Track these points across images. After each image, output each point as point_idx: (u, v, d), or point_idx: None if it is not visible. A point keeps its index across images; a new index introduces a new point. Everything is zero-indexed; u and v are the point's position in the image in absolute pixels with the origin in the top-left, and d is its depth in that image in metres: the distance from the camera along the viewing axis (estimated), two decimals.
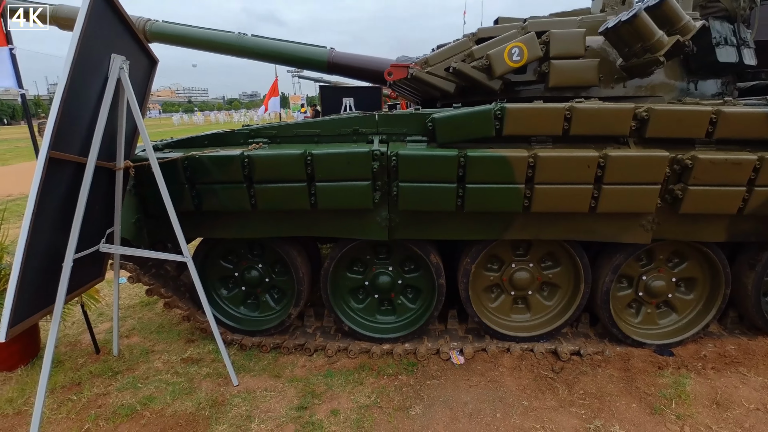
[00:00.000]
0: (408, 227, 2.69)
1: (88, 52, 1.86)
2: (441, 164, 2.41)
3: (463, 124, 2.46)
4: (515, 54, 2.80)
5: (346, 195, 2.49)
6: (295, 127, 2.73)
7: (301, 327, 3.30)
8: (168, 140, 2.94)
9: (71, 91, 1.77)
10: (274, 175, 2.49)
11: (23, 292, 1.76)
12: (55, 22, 4.08)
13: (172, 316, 3.71)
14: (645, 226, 2.69)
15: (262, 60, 4.20)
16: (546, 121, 2.44)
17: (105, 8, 1.95)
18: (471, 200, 2.47)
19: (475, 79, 2.93)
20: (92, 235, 2.35)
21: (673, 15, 2.68)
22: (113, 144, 2.39)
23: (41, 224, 1.82)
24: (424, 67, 3.10)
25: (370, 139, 2.67)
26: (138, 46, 2.42)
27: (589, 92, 3.06)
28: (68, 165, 1.97)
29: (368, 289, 3.13)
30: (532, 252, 3.02)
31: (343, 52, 4.00)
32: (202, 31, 4.06)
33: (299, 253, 3.03)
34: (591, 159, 2.40)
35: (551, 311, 3.15)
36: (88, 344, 3.29)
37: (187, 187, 2.59)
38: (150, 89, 2.76)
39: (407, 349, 3.05)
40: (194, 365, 3.03)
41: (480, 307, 3.08)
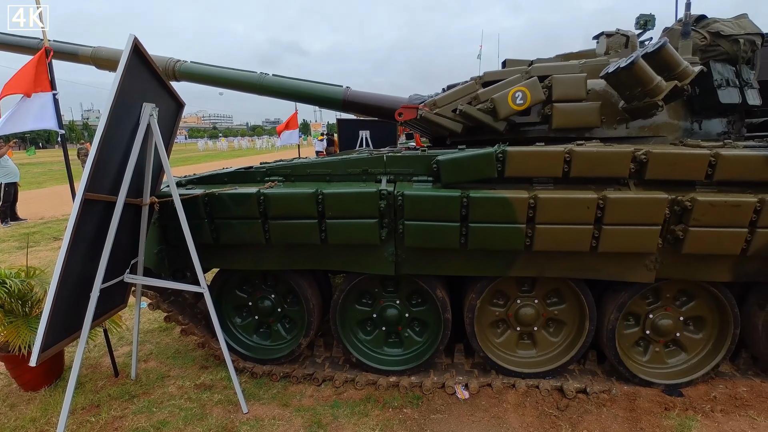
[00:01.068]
0: (414, 263, 2.80)
1: (122, 103, 2.07)
2: (444, 204, 2.53)
3: (467, 166, 2.58)
4: (519, 98, 2.93)
5: (354, 231, 2.63)
6: (309, 167, 2.90)
7: (310, 357, 3.39)
8: (191, 176, 3.14)
9: (106, 138, 1.97)
10: (287, 212, 2.65)
11: (54, 320, 1.92)
12: (93, 62, 4.43)
13: (188, 342, 3.85)
14: (648, 265, 2.73)
15: (281, 98, 4.44)
16: (546, 163, 2.55)
17: (138, 63, 2.18)
18: (474, 239, 2.57)
19: (481, 120, 3.07)
20: (118, 265, 2.52)
21: (670, 61, 2.78)
22: (140, 181, 2.59)
23: (74, 257, 1.99)
24: (433, 109, 3.26)
25: (378, 178, 2.82)
26: (166, 92, 2.65)
27: (592, 133, 3.16)
28: (99, 203, 2.16)
29: (376, 322, 3.22)
30: (537, 288, 3.07)
31: (357, 91, 4.22)
32: (227, 71, 4.34)
33: (310, 284, 3.15)
34: (590, 200, 2.48)
35: (557, 348, 3.17)
36: (108, 367, 3.44)
37: (206, 221, 2.77)
38: (177, 129, 2.98)
39: (413, 382, 3.10)
40: (207, 391, 3.13)
41: (485, 342, 3.13)
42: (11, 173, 9.23)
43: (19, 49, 4.51)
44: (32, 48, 4.43)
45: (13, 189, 9.31)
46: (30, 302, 3.19)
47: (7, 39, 4.49)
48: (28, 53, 4.50)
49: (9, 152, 9.19)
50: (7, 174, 9.13)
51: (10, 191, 9.24)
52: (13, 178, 9.26)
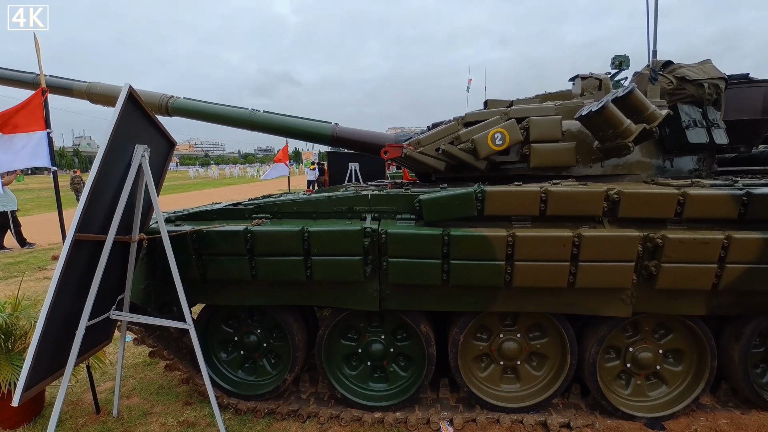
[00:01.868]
0: (398, 298, 2.86)
1: (116, 146, 2.15)
2: (426, 242, 2.61)
3: (448, 205, 2.69)
4: (498, 139, 3.07)
5: (339, 268, 2.69)
6: (296, 204, 2.99)
7: (296, 392, 3.38)
8: (180, 212, 3.20)
9: (98, 180, 2.04)
10: (274, 249, 2.72)
11: (39, 359, 1.93)
12: (88, 97, 4.53)
13: (172, 378, 3.81)
14: (624, 299, 2.82)
15: (272, 134, 4.56)
16: (523, 202, 2.66)
17: (132, 108, 2.27)
18: (455, 275, 2.65)
19: (463, 159, 3.20)
20: (104, 301, 2.55)
21: (639, 105, 2.95)
22: (129, 218, 2.65)
23: (61, 296, 2.02)
24: (417, 147, 3.38)
25: (363, 216, 2.91)
26: (158, 132, 2.74)
27: (569, 171, 3.30)
28: (89, 242, 2.21)
29: (361, 357, 3.24)
30: (520, 322, 3.13)
31: (346, 128, 4.36)
32: (219, 107, 4.47)
33: (296, 320, 3.18)
34: (566, 238, 2.58)
35: (540, 382, 3.20)
36: (89, 403, 3.39)
37: (194, 257, 2.82)
38: (167, 167, 3.06)
39: (398, 418, 3.10)
40: (190, 428, 3.10)
41: (469, 376, 3.16)
42: (10, 201, 9.41)
43: (14, 83, 4.61)
44: (27, 82, 4.54)
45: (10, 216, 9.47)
46: (13, 337, 3.16)
47: (4, 73, 4.59)
48: (24, 87, 4.61)
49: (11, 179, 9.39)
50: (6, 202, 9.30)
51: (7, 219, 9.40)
52: (11, 206, 9.45)
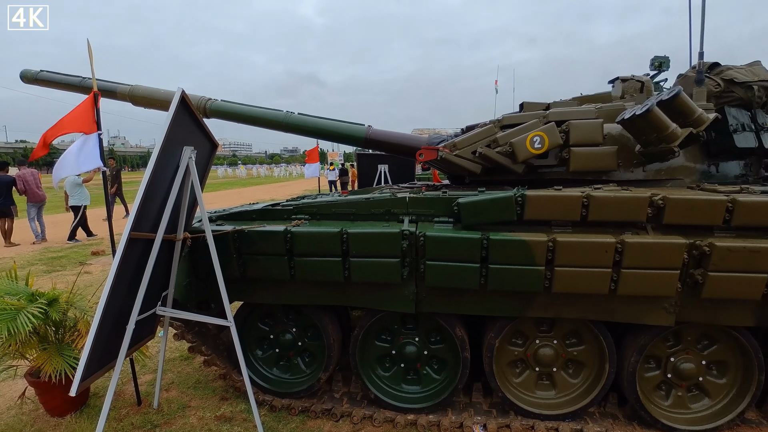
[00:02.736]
0: (434, 301, 2.86)
1: (167, 149, 2.23)
2: (465, 245, 2.61)
3: (487, 209, 2.68)
4: (536, 142, 3.04)
5: (376, 270, 2.72)
6: (334, 206, 3.03)
7: (329, 391, 3.42)
8: (220, 212, 3.29)
9: (152, 182, 2.13)
10: (312, 250, 2.77)
11: (94, 352, 2.02)
12: (130, 99, 4.70)
13: (208, 373, 3.92)
14: (667, 308, 2.74)
15: (306, 135, 4.63)
16: (564, 207, 2.62)
17: (183, 111, 2.35)
18: (493, 280, 2.63)
19: (500, 162, 3.18)
20: (151, 298, 2.64)
21: (685, 108, 2.87)
22: (175, 218, 2.74)
23: (114, 293, 2.11)
24: (453, 150, 3.38)
25: (400, 218, 2.92)
26: (203, 134, 2.83)
27: (609, 176, 3.23)
28: (140, 240, 2.30)
29: (395, 358, 3.25)
30: (557, 329, 3.09)
31: (379, 130, 4.38)
32: (254, 109, 4.56)
33: (331, 320, 3.22)
34: (608, 244, 2.53)
35: (577, 389, 3.15)
36: (131, 395, 3.51)
37: (234, 256, 2.90)
38: (210, 168, 3.15)
39: (431, 420, 3.10)
40: (227, 423, 3.18)
41: (504, 381, 3.13)
42: (85, 196, 10.48)
43: (63, 86, 4.83)
44: (74, 85, 4.75)
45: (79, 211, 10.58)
46: (63, 329, 3.31)
47: (54, 77, 4.82)
48: (71, 90, 4.83)
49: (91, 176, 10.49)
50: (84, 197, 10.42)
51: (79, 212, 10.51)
52: (85, 201, 10.52)
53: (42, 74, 4.87)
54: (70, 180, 10.28)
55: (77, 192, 10.37)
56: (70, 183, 10.36)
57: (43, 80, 4.89)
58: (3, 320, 2.87)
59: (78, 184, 10.35)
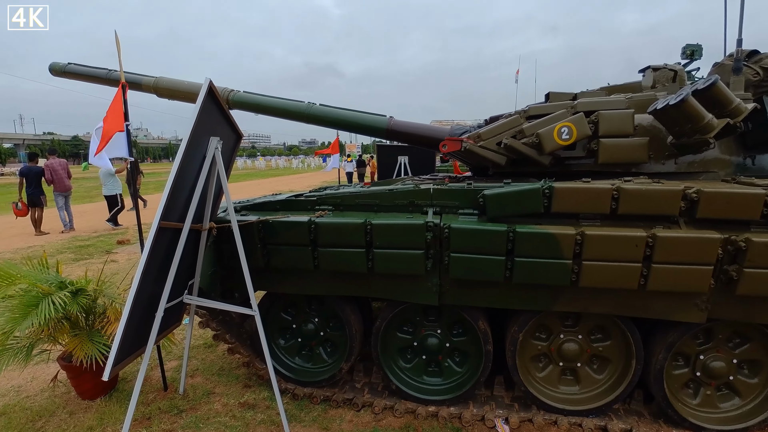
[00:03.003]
0: (457, 294, 2.84)
1: (195, 139, 2.25)
2: (490, 238, 2.57)
3: (513, 201, 2.63)
4: (564, 133, 2.97)
5: (400, 261, 2.71)
6: (358, 197, 3.02)
7: (350, 381, 3.45)
8: (245, 202, 3.32)
9: (180, 171, 2.15)
10: (336, 241, 2.77)
11: (125, 338, 2.07)
12: (155, 91, 4.76)
13: (231, 360, 3.99)
14: (699, 305, 2.67)
15: (327, 126, 4.63)
16: (593, 200, 2.56)
17: (210, 102, 2.37)
18: (519, 273, 2.59)
19: (526, 154, 3.12)
20: (178, 286, 2.69)
21: (722, 98, 2.75)
22: (200, 208, 2.77)
23: (144, 281, 2.15)
24: (477, 141, 3.32)
25: (424, 210, 2.90)
26: (229, 125, 2.85)
27: (639, 168, 3.14)
28: (168, 229, 2.33)
29: (417, 350, 3.25)
30: (582, 324, 3.03)
31: (401, 121, 4.35)
32: (276, 100, 4.57)
33: (353, 310, 3.23)
34: (639, 239, 2.47)
35: (601, 385, 3.10)
36: (157, 380, 3.60)
37: (259, 246, 2.92)
38: (234, 158, 3.18)
39: (452, 413, 3.10)
40: (250, 410, 3.23)
41: (527, 375, 3.10)
42: (117, 186, 11.13)
43: (90, 78, 4.92)
44: (101, 77, 4.83)
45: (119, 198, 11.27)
46: (93, 315, 3.40)
47: (81, 69, 4.91)
48: (98, 82, 4.91)
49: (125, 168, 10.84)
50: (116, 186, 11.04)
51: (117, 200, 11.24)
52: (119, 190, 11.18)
53: (70, 67, 4.96)
54: (103, 170, 10.69)
55: (110, 181, 10.82)
56: (103, 173, 10.80)
57: (71, 72, 4.98)
58: (26, 306, 2.96)
59: (111, 174, 10.77)
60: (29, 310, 2.92)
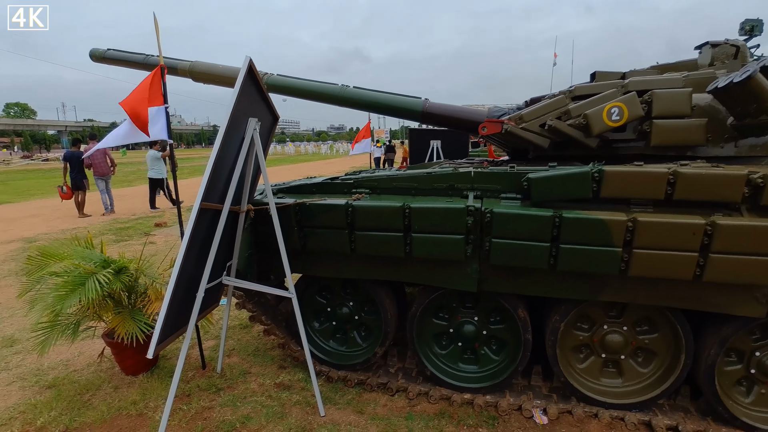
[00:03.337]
0: (498, 281, 2.76)
1: (234, 120, 2.23)
2: (535, 223, 2.47)
3: (560, 185, 2.51)
4: (614, 114, 2.80)
5: (439, 246, 2.64)
6: (395, 180, 2.96)
7: (384, 366, 3.43)
8: (281, 185, 3.32)
9: (221, 153, 2.14)
10: (374, 224, 2.73)
11: (168, 318, 2.10)
12: (190, 75, 4.79)
13: (266, 341, 4.05)
14: (759, 298, 2.49)
15: (361, 109, 4.56)
16: (647, 184, 2.41)
17: (249, 82, 2.34)
18: (564, 260, 2.48)
19: (572, 136, 2.97)
20: (216, 267, 2.71)
21: None
22: (238, 190, 2.77)
23: (186, 261, 2.16)
24: (519, 123, 3.19)
25: (465, 194, 2.81)
26: (267, 106, 2.82)
27: (695, 151, 2.94)
28: (208, 211, 2.34)
29: (452, 336, 3.19)
30: (627, 314, 2.90)
31: (436, 103, 4.23)
32: (310, 83, 4.52)
33: (388, 295, 3.20)
34: (697, 226, 2.31)
35: (646, 379, 2.97)
36: (196, 359, 3.69)
37: (296, 229, 2.91)
38: (271, 140, 3.16)
39: (488, 401, 3.04)
40: (285, 391, 3.27)
41: (567, 366, 3.00)
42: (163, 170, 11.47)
43: (128, 64, 5.00)
44: (138, 62, 4.90)
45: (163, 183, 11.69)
46: (135, 294, 3.50)
47: (120, 55, 5.00)
48: (135, 67, 4.99)
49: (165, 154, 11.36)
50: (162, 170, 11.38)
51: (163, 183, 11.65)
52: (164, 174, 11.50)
53: (109, 53, 5.06)
54: (150, 154, 11.12)
55: (156, 165, 11.18)
56: (150, 157, 11.17)
57: (110, 58, 5.08)
58: (74, 284, 3.06)
59: (157, 158, 11.13)
60: (76, 288, 3.02)
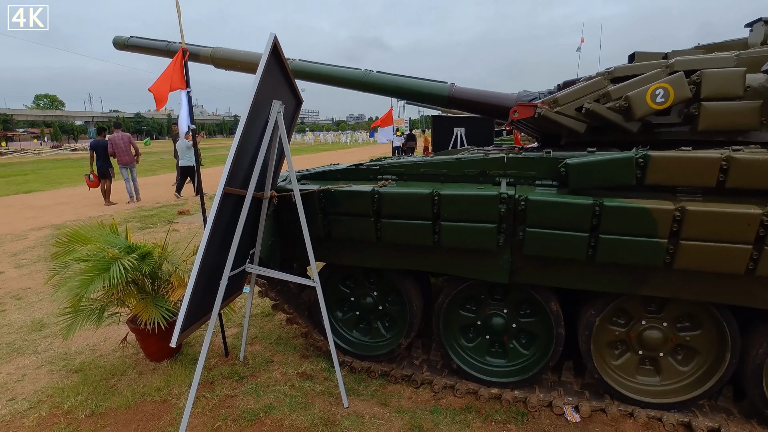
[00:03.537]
0: (531, 272, 2.62)
1: (258, 102, 2.15)
2: (574, 212, 2.32)
3: (601, 171, 2.35)
4: (659, 95, 2.61)
5: (470, 236, 2.52)
6: (423, 166, 2.84)
7: (408, 357, 3.35)
8: (304, 171, 3.24)
9: (244, 135, 2.06)
10: (401, 212, 2.62)
11: (191, 306, 2.05)
12: (212, 62, 4.74)
13: (288, 330, 4.01)
14: None
15: (385, 95, 4.44)
16: (697, 171, 2.24)
17: (274, 62, 2.25)
18: (604, 251, 2.33)
19: (611, 120, 2.79)
20: (239, 255, 2.66)
21: None
22: (262, 175, 2.70)
23: (210, 248, 2.11)
24: (553, 107, 3.02)
25: (497, 180, 2.68)
26: (290, 89, 2.73)
27: (746, 136, 2.73)
28: (231, 197, 2.27)
29: (480, 329, 3.08)
30: (668, 310, 2.74)
31: (463, 88, 4.08)
32: (332, 68, 4.41)
33: (413, 285, 3.10)
34: (752, 216, 2.13)
35: (686, 378, 2.81)
36: (218, 346, 3.68)
37: (320, 216, 2.83)
38: (294, 124, 3.07)
39: (517, 396, 2.93)
40: (308, 381, 3.22)
41: (601, 362, 2.86)
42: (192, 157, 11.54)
43: (151, 51, 4.97)
44: (161, 49, 4.87)
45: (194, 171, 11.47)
46: (158, 281, 3.49)
47: (143, 42, 4.97)
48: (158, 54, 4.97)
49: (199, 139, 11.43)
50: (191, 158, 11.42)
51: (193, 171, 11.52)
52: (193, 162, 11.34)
53: (132, 40, 5.04)
54: (181, 142, 11.23)
55: (187, 154, 11.32)
56: (181, 145, 11.30)
57: (133, 46, 5.06)
58: (99, 269, 3.06)
59: (188, 147, 11.26)
60: (100, 272, 3.02)
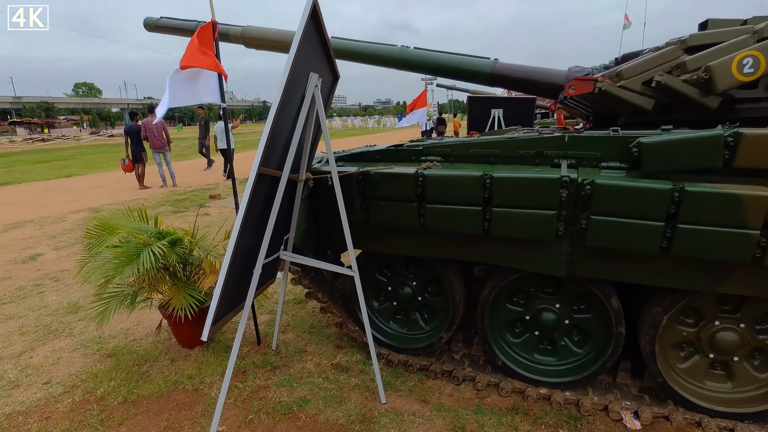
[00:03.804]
0: (592, 265, 2.35)
1: (294, 74, 1.95)
2: (648, 198, 2.04)
3: (681, 152, 2.06)
4: (747, 65, 2.28)
5: (525, 224, 2.27)
6: (471, 146, 2.59)
7: (447, 351, 3.16)
8: (340, 153, 3.04)
9: (280, 111, 1.87)
10: (448, 196, 2.39)
11: (223, 296, 1.90)
12: (242, 41, 4.57)
13: (321, 318, 3.88)
14: None
15: (423, 72, 4.19)
16: None
17: (312, 28, 2.04)
18: (682, 244, 2.05)
19: (686, 94, 2.47)
20: (273, 241, 2.50)
21: None
22: (297, 157, 2.52)
23: (243, 234, 1.95)
24: (616, 81, 2.71)
25: (556, 162, 2.41)
26: (328, 62, 2.52)
27: None
28: (266, 178, 2.10)
29: (528, 324, 2.85)
30: (747, 309, 2.43)
31: (508, 64, 3.77)
32: (367, 45, 4.18)
33: (457, 276, 2.88)
34: None
35: (763, 386, 2.51)
36: (250, 334, 3.58)
37: (358, 200, 2.64)
38: (331, 101, 2.87)
39: (568, 398, 2.70)
40: (343, 373, 3.08)
41: (665, 365, 2.59)
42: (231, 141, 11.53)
43: (181, 32, 4.85)
44: (191, 29, 4.73)
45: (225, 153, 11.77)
46: (190, 267, 3.40)
47: (173, 23, 4.86)
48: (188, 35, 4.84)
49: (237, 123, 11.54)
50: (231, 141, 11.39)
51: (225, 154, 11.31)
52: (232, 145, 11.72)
53: (162, 21, 4.94)
54: (219, 126, 11.17)
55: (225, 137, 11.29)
56: (219, 128, 11.19)
57: (163, 27, 4.96)
58: (129, 256, 2.97)
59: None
60: (132, 259, 2.93)
